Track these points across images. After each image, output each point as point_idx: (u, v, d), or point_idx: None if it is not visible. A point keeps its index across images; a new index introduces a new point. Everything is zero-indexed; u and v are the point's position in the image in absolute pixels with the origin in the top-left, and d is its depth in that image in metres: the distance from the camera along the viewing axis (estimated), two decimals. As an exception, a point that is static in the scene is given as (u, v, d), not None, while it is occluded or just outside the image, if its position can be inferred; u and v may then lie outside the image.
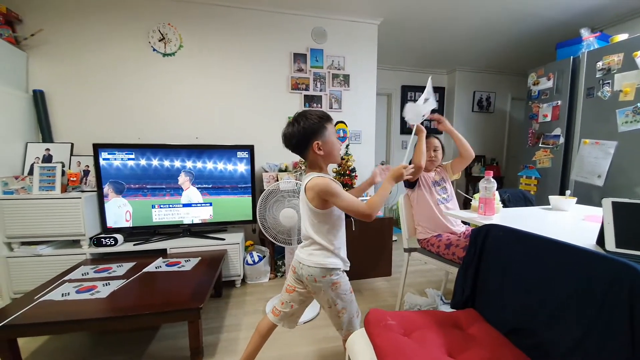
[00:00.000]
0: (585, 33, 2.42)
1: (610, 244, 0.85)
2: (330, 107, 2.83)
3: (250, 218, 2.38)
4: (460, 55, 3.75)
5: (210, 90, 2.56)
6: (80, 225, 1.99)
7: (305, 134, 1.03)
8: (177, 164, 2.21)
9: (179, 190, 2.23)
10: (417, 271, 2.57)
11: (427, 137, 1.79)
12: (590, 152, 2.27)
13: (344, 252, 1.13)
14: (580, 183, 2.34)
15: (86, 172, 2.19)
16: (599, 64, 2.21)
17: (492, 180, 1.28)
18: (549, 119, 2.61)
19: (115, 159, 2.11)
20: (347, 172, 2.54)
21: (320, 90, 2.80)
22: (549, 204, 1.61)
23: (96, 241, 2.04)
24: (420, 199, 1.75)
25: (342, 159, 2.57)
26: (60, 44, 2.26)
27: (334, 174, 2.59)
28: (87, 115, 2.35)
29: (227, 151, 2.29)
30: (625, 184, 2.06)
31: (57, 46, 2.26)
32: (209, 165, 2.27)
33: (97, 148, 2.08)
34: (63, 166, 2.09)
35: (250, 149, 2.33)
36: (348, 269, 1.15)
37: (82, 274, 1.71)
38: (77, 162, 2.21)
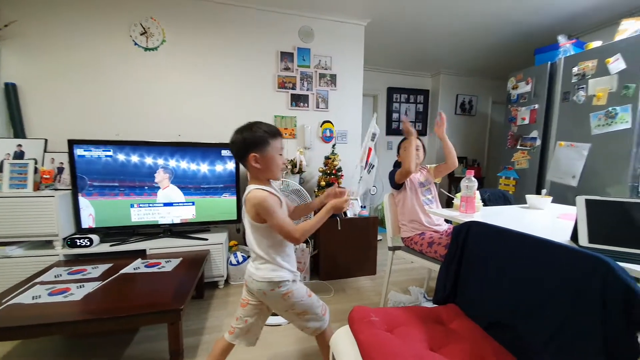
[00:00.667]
0: (562, 40, 2.53)
1: (583, 239, 0.89)
2: (317, 107, 2.83)
3: (235, 217, 2.34)
4: (444, 59, 3.84)
5: (194, 87, 2.50)
6: (54, 225, 1.90)
7: (245, 144, 1.03)
8: (160, 161, 2.15)
9: (159, 189, 2.17)
10: (401, 270, 2.60)
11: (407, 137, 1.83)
12: (566, 153, 2.37)
13: (291, 265, 1.12)
14: (556, 183, 2.44)
15: (60, 170, 2.09)
16: (575, 70, 2.31)
17: (473, 179, 1.32)
18: (527, 121, 2.70)
19: (91, 156, 2.03)
20: (334, 171, 2.54)
21: (307, 90, 2.79)
22: (527, 203, 1.67)
23: (70, 242, 1.95)
24: (406, 200, 1.78)
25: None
26: (35, 36, 2.15)
27: (320, 174, 2.59)
28: (63, 110, 2.25)
29: (211, 149, 2.25)
30: (598, 185, 2.16)
31: (32, 38, 2.15)
32: (192, 164, 2.21)
33: (72, 144, 1.99)
34: (36, 163, 1.98)
35: (235, 147, 2.29)
36: (298, 278, 1.14)
37: (55, 276, 1.63)
38: (51, 159, 2.10)
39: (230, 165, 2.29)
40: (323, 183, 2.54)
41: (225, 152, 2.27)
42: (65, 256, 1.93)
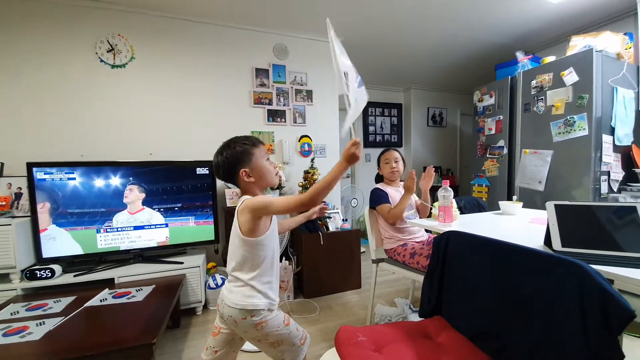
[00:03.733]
0: (519, 55, 2.73)
1: (556, 243, 0.92)
2: (295, 122, 2.84)
3: (213, 238, 2.25)
4: (413, 74, 4.05)
5: (166, 104, 2.43)
6: (10, 257, 1.72)
7: (230, 163, 0.99)
8: (124, 182, 2.03)
9: (127, 210, 2.04)
10: (386, 281, 2.59)
11: (387, 150, 1.86)
12: (531, 160, 2.51)
13: (271, 292, 1.02)
14: (524, 189, 2.57)
15: (18, 195, 1.92)
16: (533, 83, 2.48)
17: (449, 189, 1.35)
18: (493, 132, 2.86)
19: (53, 179, 1.88)
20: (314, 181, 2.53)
21: (284, 105, 2.80)
22: (499, 209, 1.73)
23: (29, 274, 1.77)
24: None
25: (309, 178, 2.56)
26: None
27: (300, 188, 2.56)
28: (22, 131, 2.09)
29: (185, 168, 2.17)
30: (564, 188, 2.30)
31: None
32: (165, 183, 2.11)
33: (32, 167, 1.84)
34: (-12, 189, 1.82)
35: (210, 165, 2.23)
36: (275, 307, 1.03)
37: (11, 314, 1.47)
38: (8, 184, 1.93)
39: (206, 184, 2.21)
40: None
41: (200, 170, 2.20)
42: (23, 290, 1.75)
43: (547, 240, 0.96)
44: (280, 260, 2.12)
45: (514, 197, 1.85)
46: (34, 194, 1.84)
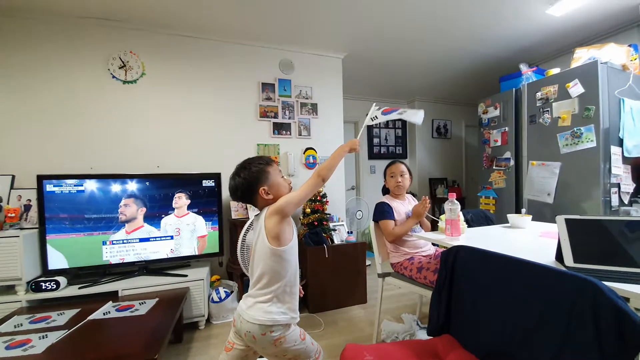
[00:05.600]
0: (523, 68, 2.74)
1: (568, 259, 0.89)
2: (300, 134, 2.86)
3: (217, 250, 2.24)
4: (417, 87, 4.08)
5: (174, 118, 2.48)
6: (17, 268, 1.74)
7: (248, 184, 1.04)
8: (131, 187, 2.05)
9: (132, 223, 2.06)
10: (392, 296, 2.54)
11: (393, 162, 1.85)
12: (538, 172, 2.47)
13: (293, 304, 1.03)
14: (533, 201, 2.52)
15: (27, 207, 1.95)
16: (538, 94, 2.48)
17: (456, 201, 1.33)
18: (499, 143, 2.84)
19: (62, 192, 1.91)
20: (318, 197, 2.52)
21: (289, 118, 2.83)
22: (508, 222, 1.70)
23: (34, 286, 1.78)
24: None
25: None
26: (4, 66, 2.09)
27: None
28: (33, 145, 2.14)
29: (192, 180, 2.19)
30: (573, 200, 2.25)
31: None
32: (171, 195, 2.13)
33: (42, 180, 1.88)
34: (1, 201, 1.85)
35: (216, 177, 2.24)
36: (295, 322, 1.04)
37: (15, 326, 1.47)
38: (18, 197, 1.97)
39: (212, 196, 2.23)
40: (308, 210, 2.50)
41: (206, 183, 2.21)
42: (28, 302, 1.76)
43: (559, 256, 0.94)
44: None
45: (523, 210, 1.81)
46: (42, 206, 1.87)
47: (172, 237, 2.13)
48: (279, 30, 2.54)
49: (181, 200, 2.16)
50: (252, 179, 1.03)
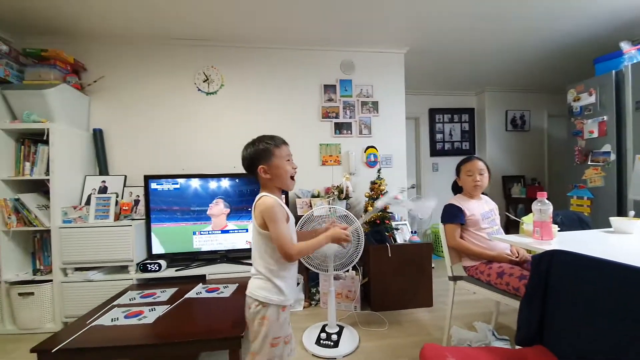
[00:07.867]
0: (625, 46, 2.32)
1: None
2: (360, 133, 2.88)
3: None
4: (488, 76, 3.72)
5: (247, 123, 2.71)
6: (130, 252, 2.11)
7: (251, 158, 1.10)
8: (216, 189, 2.32)
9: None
10: (462, 302, 2.38)
11: (469, 159, 1.74)
12: (650, 168, 2.08)
13: (286, 287, 1.06)
14: (642, 203, 2.13)
15: (136, 202, 2.35)
16: (648, 76, 2.08)
17: (547, 202, 1.20)
18: (595, 135, 2.46)
19: (162, 189, 2.26)
20: (380, 195, 2.50)
21: (350, 118, 2.86)
22: (608, 226, 1.47)
23: (142, 267, 2.13)
24: (468, 235, 1.66)
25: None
26: (116, 87, 2.54)
27: (367, 199, 2.56)
28: (138, 149, 2.57)
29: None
30: (699, 203, 1.85)
31: (114, 89, 2.54)
32: (245, 192, 2.35)
33: (148, 179, 2.25)
34: (117, 196, 2.26)
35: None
36: (286, 305, 1.08)
37: (130, 299, 1.77)
38: (129, 193, 2.38)
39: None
40: (370, 208, 2.50)
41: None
42: (137, 280, 2.12)
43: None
44: (347, 270, 2.14)
45: (631, 213, 1.55)
46: (148, 201, 2.23)
47: (246, 230, 2.35)
48: (341, 33, 2.59)
49: (217, 206, 2.35)
50: (255, 155, 1.09)
